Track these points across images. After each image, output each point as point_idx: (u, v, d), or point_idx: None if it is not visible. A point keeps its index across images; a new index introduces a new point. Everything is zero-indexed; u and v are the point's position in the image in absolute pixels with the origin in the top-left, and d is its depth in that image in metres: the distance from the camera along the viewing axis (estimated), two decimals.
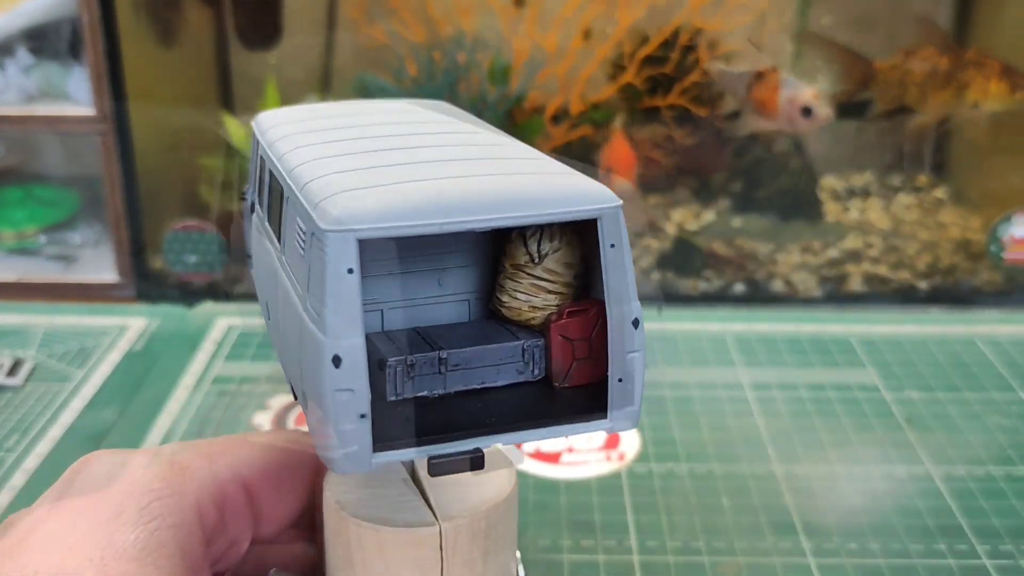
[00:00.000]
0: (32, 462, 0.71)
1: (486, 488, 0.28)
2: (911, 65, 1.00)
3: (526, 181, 0.25)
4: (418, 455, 0.24)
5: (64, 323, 0.92)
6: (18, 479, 0.70)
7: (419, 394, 0.26)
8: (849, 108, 1.06)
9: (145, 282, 0.99)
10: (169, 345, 0.89)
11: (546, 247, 0.27)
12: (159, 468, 0.28)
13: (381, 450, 0.24)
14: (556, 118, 1.03)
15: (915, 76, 1.00)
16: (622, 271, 0.25)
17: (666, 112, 1.04)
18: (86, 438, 0.75)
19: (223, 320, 0.93)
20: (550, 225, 0.26)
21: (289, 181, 0.27)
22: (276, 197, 0.29)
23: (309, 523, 0.32)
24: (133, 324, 0.92)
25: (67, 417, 0.77)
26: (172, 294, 0.98)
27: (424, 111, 0.33)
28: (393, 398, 0.26)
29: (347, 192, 0.24)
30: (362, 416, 0.23)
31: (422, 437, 0.24)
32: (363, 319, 0.23)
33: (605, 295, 0.25)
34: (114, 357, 0.86)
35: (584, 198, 0.24)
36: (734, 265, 1.03)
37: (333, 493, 0.28)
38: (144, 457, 0.29)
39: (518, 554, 0.30)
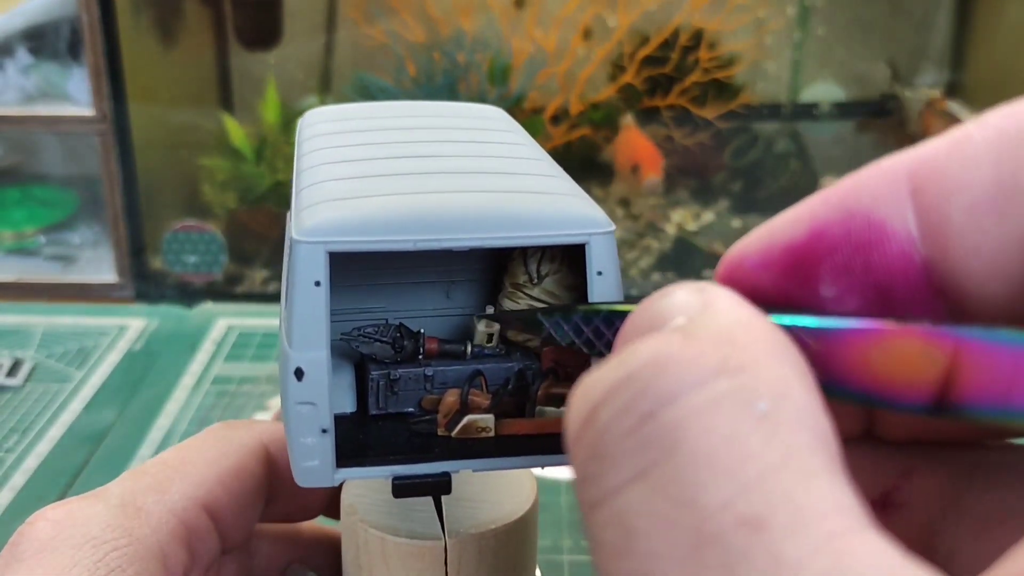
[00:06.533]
0: (32, 462, 0.71)
1: (502, 507, 0.27)
2: None
3: (517, 201, 0.24)
4: (383, 474, 0.24)
5: (63, 323, 0.92)
6: (18, 479, 0.70)
7: (404, 410, 0.26)
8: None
9: (144, 282, 0.99)
10: (168, 345, 0.88)
11: (546, 268, 0.26)
12: (110, 516, 0.26)
13: (347, 465, 0.23)
14: (556, 118, 1.03)
15: None
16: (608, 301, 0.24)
17: (665, 112, 1.04)
18: (86, 438, 0.75)
19: (223, 320, 0.93)
20: (552, 246, 0.26)
21: (294, 184, 0.26)
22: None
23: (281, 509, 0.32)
24: (132, 324, 0.92)
25: (66, 417, 0.77)
26: (171, 294, 0.98)
27: (468, 118, 0.32)
28: (376, 412, 0.26)
29: (329, 202, 0.23)
30: (324, 431, 0.22)
31: (390, 456, 0.24)
32: (329, 332, 0.22)
33: None
34: (113, 357, 0.86)
35: (573, 222, 0.23)
36: None
37: (348, 495, 0.28)
38: (92, 506, 0.27)
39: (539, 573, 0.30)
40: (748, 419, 0.14)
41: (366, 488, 0.28)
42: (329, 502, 0.32)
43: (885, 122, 1.12)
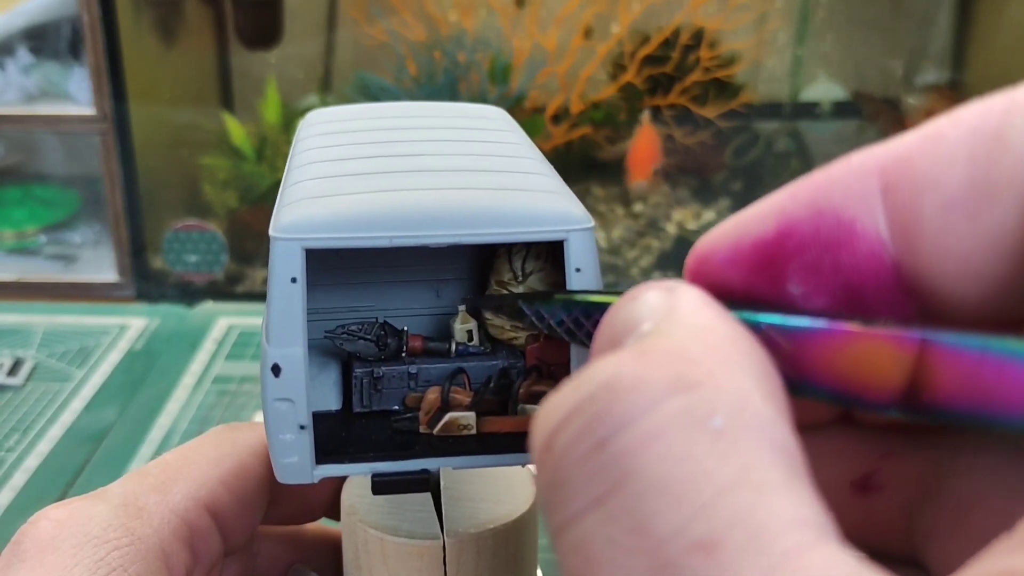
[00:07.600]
0: (33, 461, 0.72)
1: (501, 506, 0.27)
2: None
3: (495, 197, 0.24)
4: (362, 471, 0.24)
5: (64, 323, 0.92)
6: (19, 479, 0.70)
7: (388, 407, 0.26)
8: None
9: (145, 282, 0.99)
10: (169, 345, 0.89)
11: (530, 265, 0.26)
12: (112, 515, 0.26)
13: (328, 462, 0.23)
14: (556, 118, 1.03)
15: None
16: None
17: (666, 112, 1.04)
18: (86, 437, 0.75)
19: (223, 320, 0.93)
20: (536, 244, 0.26)
21: (282, 183, 0.26)
22: None
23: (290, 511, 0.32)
24: (133, 324, 0.92)
25: (67, 417, 0.77)
26: (172, 293, 0.98)
27: (466, 118, 0.32)
28: (360, 410, 0.26)
29: (308, 199, 0.23)
30: (301, 427, 0.23)
31: (370, 453, 0.24)
32: (306, 329, 0.22)
33: None
34: (114, 357, 0.86)
35: (551, 218, 0.23)
36: None
37: (348, 495, 0.28)
38: (94, 505, 0.27)
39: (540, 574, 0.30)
40: (702, 438, 0.14)
41: (366, 489, 0.28)
42: (331, 503, 0.32)
43: (887, 112, 1.12)
